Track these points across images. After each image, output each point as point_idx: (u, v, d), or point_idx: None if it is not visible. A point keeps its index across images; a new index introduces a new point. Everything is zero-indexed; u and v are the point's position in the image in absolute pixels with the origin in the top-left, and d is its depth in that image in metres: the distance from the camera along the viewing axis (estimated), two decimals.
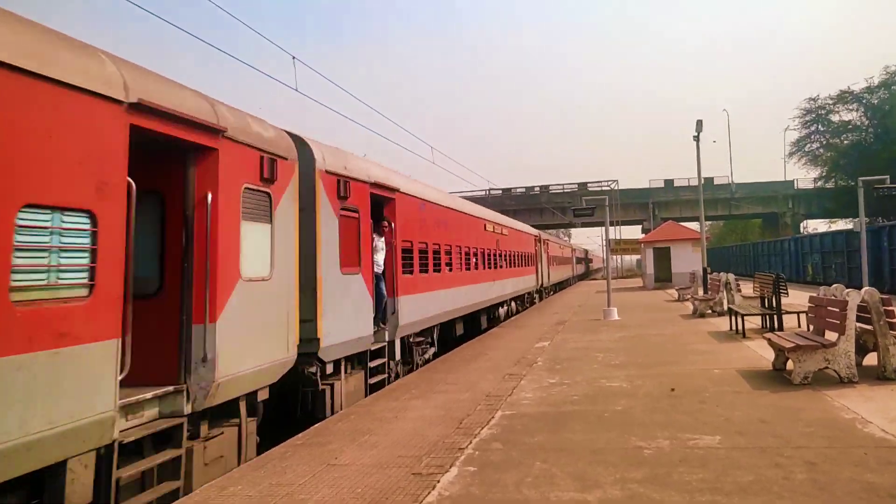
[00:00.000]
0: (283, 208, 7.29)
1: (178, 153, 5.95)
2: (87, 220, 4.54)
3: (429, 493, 5.03)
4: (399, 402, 8.79)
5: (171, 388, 5.63)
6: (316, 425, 7.81)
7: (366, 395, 9.58)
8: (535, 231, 32.39)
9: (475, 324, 18.66)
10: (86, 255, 4.52)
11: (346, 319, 8.95)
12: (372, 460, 6.06)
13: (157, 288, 5.99)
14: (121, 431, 4.87)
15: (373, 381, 10.03)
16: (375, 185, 10.26)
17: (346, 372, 9.12)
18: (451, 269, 15.08)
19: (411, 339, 12.16)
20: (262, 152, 6.86)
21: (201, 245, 5.91)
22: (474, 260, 17.79)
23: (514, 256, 24.74)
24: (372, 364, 10.04)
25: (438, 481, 5.29)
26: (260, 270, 6.78)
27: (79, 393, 4.37)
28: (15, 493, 4.15)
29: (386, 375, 10.62)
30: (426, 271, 13.02)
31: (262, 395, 7.03)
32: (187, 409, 5.71)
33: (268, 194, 6.96)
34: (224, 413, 6.45)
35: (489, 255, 19.95)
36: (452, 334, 15.71)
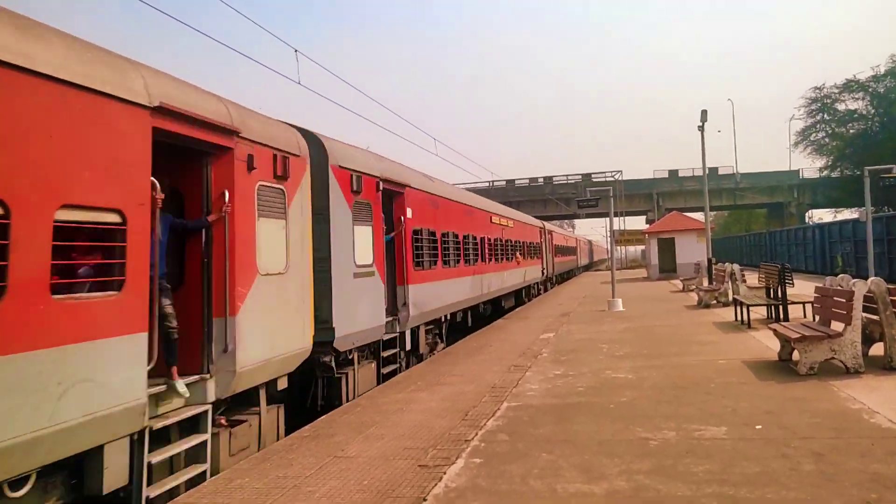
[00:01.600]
0: (297, 203, 7.54)
1: (196, 153, 6.19)
2: (118, 219, 4.76)
3: (435, 484, 5.04)
4: (404, 394, 8.81)
5: (195, 378, 5.90)
6: (322, 417, 7.84)
7: (378, 384, 9.92)
8: (540, 223, 32.57)
9: (485, 313, 19.05)
10: (117, 252, 4.75)
11: (360, 310, 9.17)
12: (378, 452, 6.08)
13: (180, 283, 6.23)
14: (150, 419, 5.15)
15: (385, 370, 10.38)
16: (386, 179, 10.48)
17: (359, 362, 9.38)
18: (460, 262, 15.30)
19: (421, 330, 12.41)
20: (275, 150, 7.08)
21: (220, 241, 6.16)
22: (483, 252, 18.04)
23: (521, 248, 24.96)
24: (384, 354, 10.36)
25: (445, 473, 5.30)
26: (276, 265, 7.00)
27: (112, 383, 4.64)
28: (58, 475, 4.51)
29: (397, 365, 10.93)
30: (436, 264, 13.25)
31: (282, 384, 7.38)
32: (211, 398, 6.00)
33: (282, 190, 7.19)
34: (246, 401, 6.82)
35: (497, 246, 20.27)
36: (463, 324, 16.06)
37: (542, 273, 31.58)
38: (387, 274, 10.60)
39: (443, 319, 14.11)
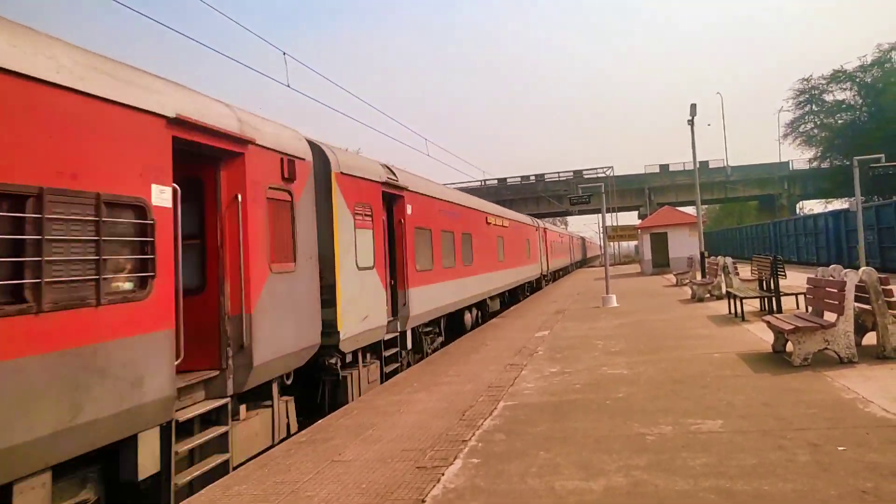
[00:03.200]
0: (303, 206, 7.91)
1: (211, 160, 6.58)
2: (148, 224, 5.20)
3: (434, 486, 5.04)
4: (402, 396, 8.80)
5: (215, 373, 6.32)
6: (318, 421, 7.83)
7: (381, 382, 10.19)
8: (534, 221, 32.78)
9: (482, 312, 19.31)
10: (147, 255, 5.18)
11: (363, 311, 9.47)
12: (376, 455, 6.07)
13: (200, 283, 6.64)
14: (176, 411, 5.57)
15: (388, 369, 10.71)
16: (386, 184, 10.82)
17: (363, 362, 9.65)
18: (457, 262, 15.57)
19: (421, 330, 12.74)
20: (282, 154, 7.46)
21: (234, 241, 6.54)
22: (480, 252, 18.33)
23: (517, 246, 25.33)
24: (386, 353, 10.69)
25: (443, 474, 5.30)
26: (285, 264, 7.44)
27: (146, 376, 5.11)
28: (97, 463, 4.99)
29: (399, 364, 11.27)
30: (436, 265, 13.59)
31: (289, 380, 7.79)
32: (229, 391, 6.36)
33: (289, 192, 7.56)
34: (260, 395, 7.19)
35: (494, 246, 20.61)
36: (461, 323, 16.29)
37: (540, 270, 32.01)
38: (388, 275, 10.90)
39: (442, 318, 14.45)
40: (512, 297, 25.02)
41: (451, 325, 15.73)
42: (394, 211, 11.66)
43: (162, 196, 5.39)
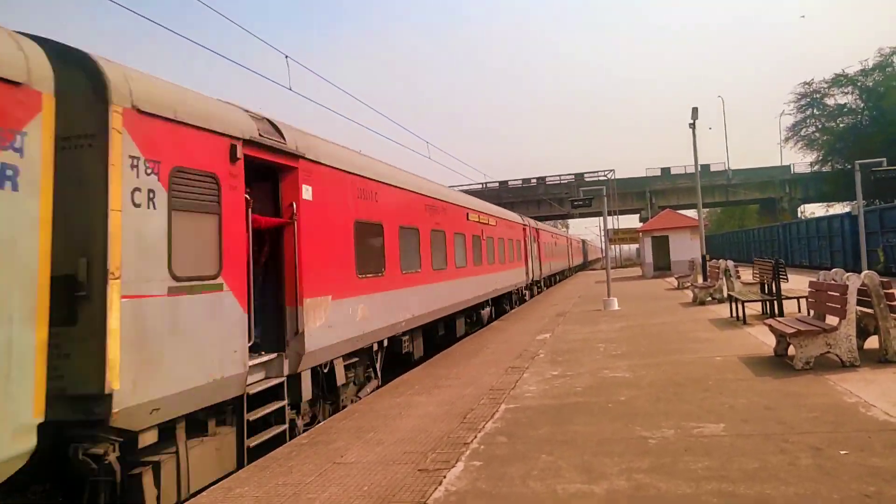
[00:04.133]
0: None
1: (271, 172, 7.46)
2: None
3: (435, 489, 5.04)
4: (403, 399, 8.80)
5: (274, 356, 7.21)
6: (320, 424, 7.83)
7: (242, 466, 6.39)
8: (521, 219, 28.36)
9: (446, 331, 15.31)
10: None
11: (182, 354, 5.64)
12: (377, 458, 6.07)
13: (263, 277, 7.42)
14: (247, 385, 6.48)
15: (259, 439, 6.73)
16: (253, 142, 6.97)
17: (189, 437, 5.90)
18: (402, 268, 11.51)
19: (330, 368, 8.62)
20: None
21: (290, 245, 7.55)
22: (429, 253, 13.47)
23: (491, 248, 20.20)
24: (251, 416, 6.66)
25: (445, 477, 5.30)
26: None
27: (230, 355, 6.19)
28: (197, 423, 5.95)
29: (285, 426, 7.21)
30: (359, 272, 9.52)
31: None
32: (286, 371, 7.27)
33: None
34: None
35: (451, 245, 15.49)
36: (399, 350, 11.70)
37: (527, 276, 27.42)
38: (254, 288, 7.16)
39: (375, 348, 10.34)
40: (494, 308, 20.57)
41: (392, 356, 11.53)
42: (281, 188, 7.88)
43: (239, 203, 6.84)
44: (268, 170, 7.61)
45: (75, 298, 4.88)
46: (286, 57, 13.17)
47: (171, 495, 5.56)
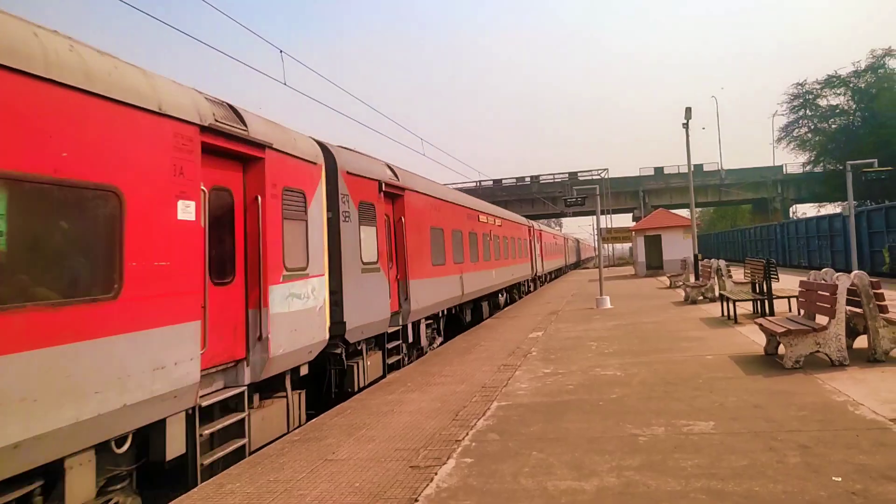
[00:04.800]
0: (314, 206, 8.31)
1: (238, 163, 6.95)
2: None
3: (427, 485, 5.06)
4: (395, 396, 8.81)
5: (231, 363, 6.64)
6: (312, 420, 7.83)
7: (384, 374, 10.76)
8: (527, 221, 32.52)
9: (478, 311, 19.79)
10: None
11: (367, 304, 9.91)
12: (369, 454, 6.08)
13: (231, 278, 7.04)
14: (199, 397, 5.83)
15: (390, 360, 11.21)
16: (388, 183, 11.37)
17: (366, 352, 10.14)
18: (454, 259, 15.94)
19: (422, 324, 13.14)
20: (296, 159, 7.88)
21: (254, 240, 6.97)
22: (475, 249, 18.80)
23: (509, 246, 25.35)
24: (389, 346, 11.16)
25: (436, 473, 5.31)
26: (299, 262, 7.78)
27: (178, 364, 5.39)
28: (131, 447, 5.10)
29: (400, 357, 11.70)
30: (434, 261, 13.98)
31: (304, 371, 8.15)
32: (247, 380, 6.76)
33: (302, 194, 7.94)
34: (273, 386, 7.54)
35: (488, 245, 20.93)
36: (460, 319, 17.11)
37: (532, 270, 31.72)
38: (394, 270, 11.57)
39: (440, 315, 14.87)
40: (503, 298, 24.83)
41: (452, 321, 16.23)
42: (394, 208, 12.06)
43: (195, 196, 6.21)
44: (390, 196, 12.37)
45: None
46: (281, 52, 13.14)
47: (361, 381, 9.64)
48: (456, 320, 17.38)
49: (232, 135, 6.46)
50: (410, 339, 12.26)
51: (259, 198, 6.92)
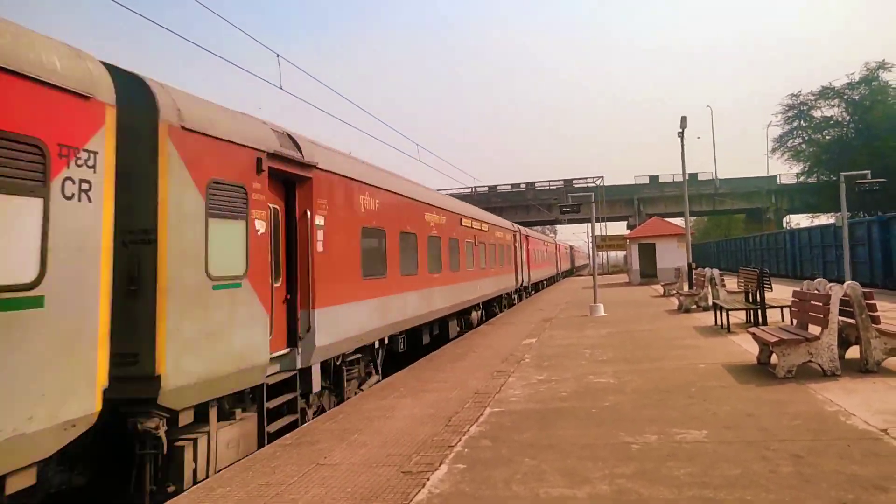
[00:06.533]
0: (81, 176, 4.77)
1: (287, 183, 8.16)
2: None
3: (419, 491, 5.04)
4: (388, 401, 8.79)
5: (287, 350, 7.98)
6: (304, 425, 7.80)
7: (262, 445, 7.06)
8: (513, 226, 29.40)
9: (444, 329, 16.28)
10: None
11: (217, 344, 6.29)
12: (361, 459, 6.05)
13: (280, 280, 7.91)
14: (266, 376, 7.21)
15: (277, 425, 7.52)
16: (276, 155, 7.55)
17: (220, 419, 6.54)
18: (402, 271, 12.17)
19: (339, 363, 9.41)
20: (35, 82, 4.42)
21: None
22: (436, 258, 14.73)
23: (487, 254, 21.40)
24: (270, 405, 7.40)
25: (428, 479, 5.30)
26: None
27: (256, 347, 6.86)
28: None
29: (297, 416, 7.95)
30: (365, 273, 10.20)
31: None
32: (299, 365, 7.99)
33: (41, 150, 4.39)
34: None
35: (456, 252, 16.88)
36: (398, 349, 12.44)
37: (517, 281, 28.19)
38: (278, 289, 7.91)
39: (375, 346, 10.93)
40: (476, 315, 20.49)
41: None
42: (296, 197, 8.40)
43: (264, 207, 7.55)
44: (286, 179, 9.00)
45: None
46: (277, 56, 13.14)
47: (201, 473, 6.13)
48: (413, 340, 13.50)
49: None
50: (316, 388, 8.45)
51: None
